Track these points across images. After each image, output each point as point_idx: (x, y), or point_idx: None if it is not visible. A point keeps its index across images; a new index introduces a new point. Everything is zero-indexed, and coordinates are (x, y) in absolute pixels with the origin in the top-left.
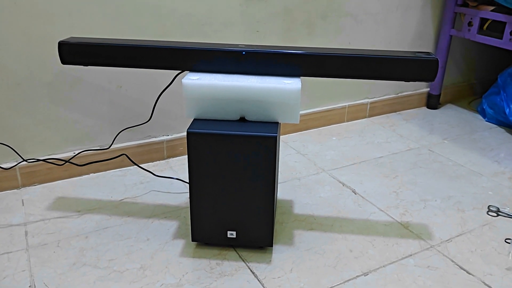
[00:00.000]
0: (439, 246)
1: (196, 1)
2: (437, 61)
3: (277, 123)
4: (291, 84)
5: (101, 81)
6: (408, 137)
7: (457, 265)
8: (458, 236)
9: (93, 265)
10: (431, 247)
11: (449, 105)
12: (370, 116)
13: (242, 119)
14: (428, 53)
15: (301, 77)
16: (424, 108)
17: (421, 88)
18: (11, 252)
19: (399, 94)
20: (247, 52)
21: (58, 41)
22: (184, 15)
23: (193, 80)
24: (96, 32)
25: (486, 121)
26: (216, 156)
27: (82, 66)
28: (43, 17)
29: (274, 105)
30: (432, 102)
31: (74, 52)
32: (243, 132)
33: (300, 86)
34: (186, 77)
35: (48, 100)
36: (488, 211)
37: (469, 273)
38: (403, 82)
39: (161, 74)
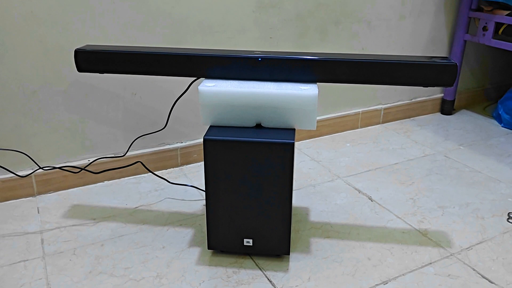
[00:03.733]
0: (459, 254)
1: (209, 9)
2: (456, 65)
3: (294, 129)
4: (308, 90)
5: (116, 89)
6: (423, 143)
7: (479, 273)
8: (478, 244)
9: (109, 273)
10: (451, 255)
11: (463, 111)
12: (384, 122)
13: (258, 126)
14: (445, 57)
15: (317, 83)
16: (438, 114)
17: (435, 93)
18: (27, 260)
19: (413, 100)
20: (263, 58)
21: (74, 49)
22: (197, 22)
23: (209, 87)
24: (110, 41)
25: (502, 126)
26: (232, 163)
27: (96, 74)
28: (58, 26)
29: (291, 111)
30: (447, 107)
31: (90, 60)
32: (260, 139)
33: (317, 92)
34: (202, 84)
35: (64, 108)
36: (508, 218)
37: (492, 282)
38: (417, 88)
39: (175, 81)
